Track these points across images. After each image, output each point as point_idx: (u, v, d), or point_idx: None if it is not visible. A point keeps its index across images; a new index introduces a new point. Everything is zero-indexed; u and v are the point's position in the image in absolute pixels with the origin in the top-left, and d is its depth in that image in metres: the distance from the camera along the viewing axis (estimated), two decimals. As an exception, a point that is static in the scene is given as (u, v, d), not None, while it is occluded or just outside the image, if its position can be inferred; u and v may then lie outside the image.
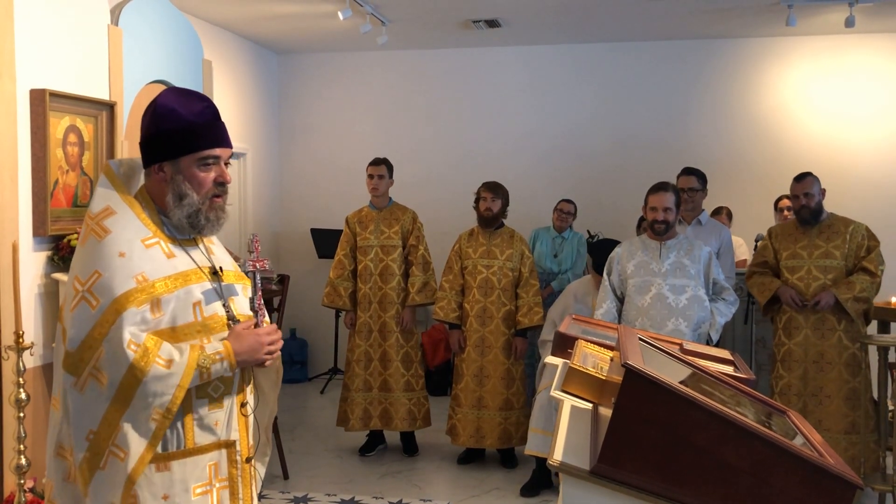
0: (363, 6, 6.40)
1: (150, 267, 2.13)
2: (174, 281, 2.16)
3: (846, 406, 4.92)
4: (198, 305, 2.19)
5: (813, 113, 7.56)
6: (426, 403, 5.92)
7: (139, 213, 2.20)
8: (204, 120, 2.22)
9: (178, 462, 2.16)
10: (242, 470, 2.28)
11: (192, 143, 2.20)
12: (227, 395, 2.24)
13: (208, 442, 2.21)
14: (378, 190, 5.87)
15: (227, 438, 2.24)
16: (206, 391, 2.19)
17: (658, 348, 2.37)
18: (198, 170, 2.21)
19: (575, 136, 7.99)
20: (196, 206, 2.21)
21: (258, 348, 2.23)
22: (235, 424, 2.27)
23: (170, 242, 2.22)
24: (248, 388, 2.35)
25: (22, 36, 3.94)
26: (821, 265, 5.00)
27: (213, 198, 2.24)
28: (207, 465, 2.21)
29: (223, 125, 2.27)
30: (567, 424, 2.11)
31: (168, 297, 2.13)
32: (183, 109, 2.21)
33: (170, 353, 2.10)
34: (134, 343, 2.06)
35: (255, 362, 2.26)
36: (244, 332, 2.24)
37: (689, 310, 4.53)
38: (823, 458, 1.78)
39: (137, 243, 2.15)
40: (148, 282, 2.11)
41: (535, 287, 5.64)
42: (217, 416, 2.22)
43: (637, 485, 1.77)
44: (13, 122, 3.90)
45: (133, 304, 2.07)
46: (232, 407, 2.26)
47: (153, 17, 4.69)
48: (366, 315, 5.84)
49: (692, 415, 1.73)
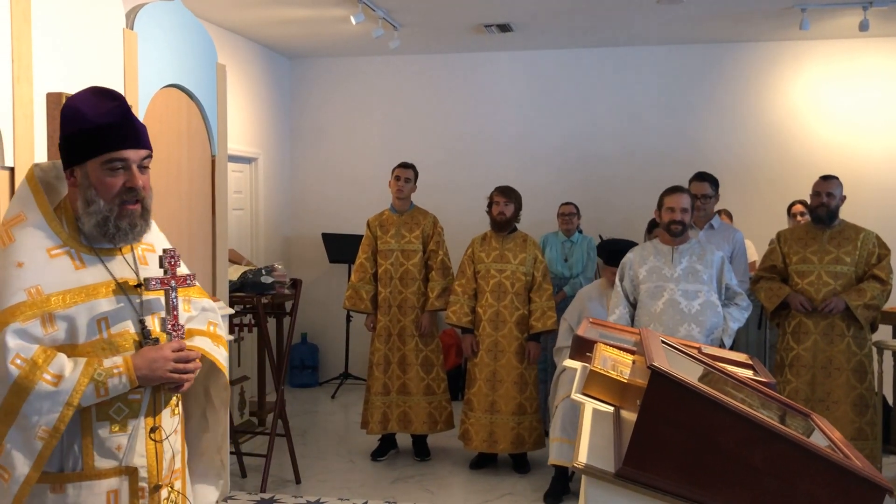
0: (375, 11, 6.41)
1: (49, 279, 2.01)
2: (75, 295, 2.02)
3: (853, 412, 4.90)
4: (103, 321, 2.05)
5: (826, 117, 7.53)
6: (448, 407, 5.92)
7: (51, 221, 2.07)
8: (110, 120, 2.05)
9: (74, 485, 2.04)
10: (150, 499, 2.13)
11: (97, 145, 2.04)
12: (133, 419, 2.10)
13: (108, 467, 2.07)
14: (402, 192, 5.87)
15: (128, 464, 2.10)
16: (107, 413, 2.06)
17: (679, 351, 2.36)
18: (104, 174, 2.05)
19: (586, 141, 7.98)
20: (103, 214, 2.06)
21: (161, 364, 2.07)
22: (141, 450, 2.11)
23: (84, 252, 2.08)
24: (168, 411, 2.19)
25: (39, 40, 3.95)
26: (831, 271, 4.98)
27: (123, 205, 2.07)
28: (105, 492, 2.07)
29: (137, 125, 2.10)
30: (590, 427, 2.09)
31: (65, 313, 2.00)
32: (89, 110, 2.07)
33: (61, 367, 1.97)
34: (20, 357, 1.93)
35: (159, 380, 2.09)
36: (148, 348, 2.09)
37: (702, 315, 4.51)
38: (850, 460, 1.77)
39: (40, 253, 2.03)
40: (42, 296, 1.98)
41: (549, 291, 5.62)
42: (119, 439, 2.08)
43: (662, 487, 1.76)
44: (30, 125, 3.91)
45: (18, 319, 1.95)
46: (137, 430, 2.11)
47: (168, 22, 4.70)
48: (385, 319, 5.85)
49: (718, 417, 1.72)
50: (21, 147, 3.87)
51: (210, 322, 2.37)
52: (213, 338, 2.34)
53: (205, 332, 2.33)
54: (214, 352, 2.30)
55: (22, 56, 3.85)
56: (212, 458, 2.47)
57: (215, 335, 2.35)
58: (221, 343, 2.36)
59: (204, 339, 2.30)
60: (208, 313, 2.38)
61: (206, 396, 2.44)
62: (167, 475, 2.19)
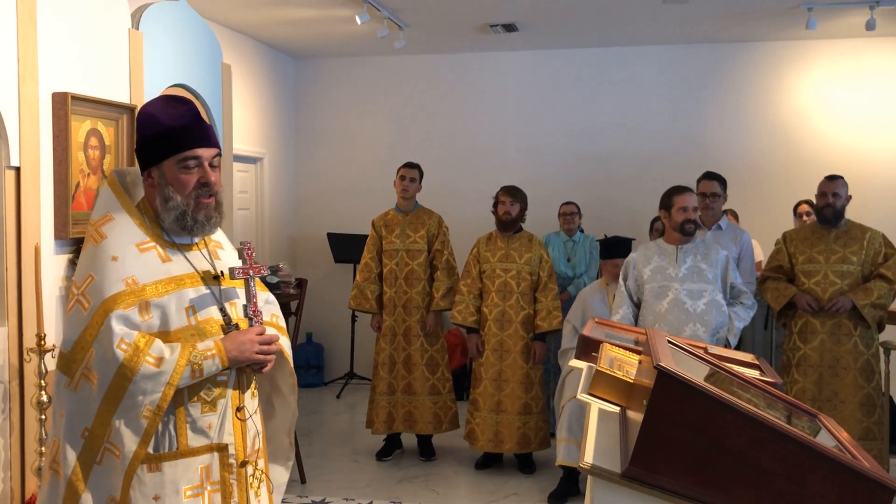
0: (380, 10, 6.41)
1: (141, 271, 2.17)
2: (166, 285, 2.19)
3: (860, 412, 4.89)
4: (191, 309, 2.21)
5: (832, 117, 7.50)
6: (453, 406, 5.91)
7: (136, 219, 2.24)
8: (183, 122, 2.22)
9: (170, 463, 2.18)
10: (237, 474, 2.28)
11: (172, 145, 2.21)
12: (221, 399, 2.25)
13: (200, 445, 2.22)
14: (408, 192, 5.87)
15: (219, 442, 2.25)
16: (198, 394, 2.21)
17: (685, 351, 2.35)
18: (179, 172, 2.22)
19: (591, 141, 7.97)
20: (181, 208, 2.22)
21: (249, 346, 2.23)
22: (229, 428, 2.28)
23: (168, 247, 2.25)
24: (249, 392, 2.35)
25: (44, 40, 3.96)
26: (837, 270, 4.96)
27: (198, 199, 2.24)
28: (199, 468, 2.22)
29: (206, 126, 2.27)
30: (596, 428, 2.09)
31: (158, 301, 2.17)
32: (162, 114, 2.23)
33: (161, 350, 2.12)
34: (125, 342, 2.10)
35: (246, 361, 2.25)
36: (236, 332, 2.26)
37: (707, 315, 4.49)
38: (858, 461, 1.76)
39: (132, 248, 2.19)
40: (138, 285, 2.15)
41: (554, 291, 5.61)
42: (210, 419, 2.23)
43: (669, 488, 1.75)
44: (36, 125, 3.91)
45: (120, 306, 2.11)
46: (226, 410, 2.27)
47: (173, 22, 4.71)
48: (391, 319, 5.84)
49: (726, 417, 1.71)
50: (27, 146, 3.88)
51: (273, 314, 2.51)
52: (277, 328, 2.48)
53: (270, 322, 2.46)
54: (281, 340, 2.43)
55: (28, 56, 3.85)
56: (281, 440, 2.61)
57: (278, 325, 2.49)
58: (284, 333, 2.50)
59: (270, 328, 2.43)
60: (270, 306, 2.52)
61: (270, 383, 2.58)
62: (251, 452, 2.34)
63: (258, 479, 2.36)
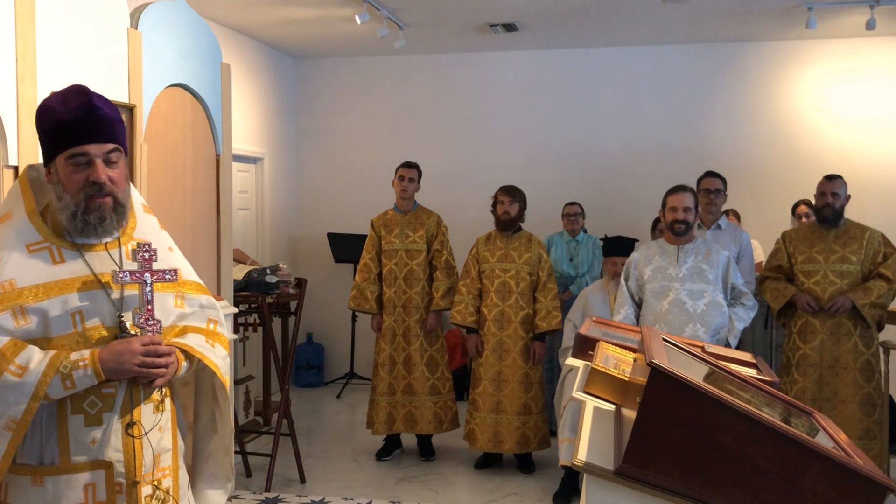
0: (380, 10, 6.41)
1: (24, 273, 2.04)
2: (48, 289, 2.04)
3: (861, 411, 4.89)
4: (77, 314, 2.06)
5: (832, 117, 7.50)
6: (453, 406, 5.91)
7: (33, 218, 2.12)
8: (76, 116, 2.07)
9: (51, 478, 2.06)
10: (129, 494, 2.11)
11: (62, 141, 2.08)
12: (107, 413, 2.08)
13: (83, 461, 2.07)
14: (407, 192, 5.87)
15: (102, 458, 2.09)
16: (80, 406, 2.06)
17: (681, 349, 2.35)
18: (69, 169, 2.08)
19: (591, 141, 7.97)
20: (71, 209, 2.08)
21: (129, 357, 2.04)
22: (116, 444, 2.10)
23: (66, 248, 2.11)
24: (148, 407, 2.16)
25: (43, 39, 3.96)
26: (837, 270, 4.96)
27: (90, 198, 2.08)
28: (83, 486, 2.07)
29: (103, 119, 2.11)
30: (590, 425, 2.09)
31: (36, 306, 2.02)
32: (59, 107, 2.09)
33: (28, 359, 1.98)
34: None
35: (126, 374, 2.06)
36: (117, 341, 2.08)
37: (707, 315, 4.49)
38: (852, 458, 1.76)
39: (19, 249, 2.07)
40: (14, 289, 2.01)
41: (554, 291, 5.61)
42: (93, 433, 2.07)
43: (662, 485, 1.75)
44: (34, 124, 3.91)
45: None
46: (112, 425, 2.09)
47: (172, 21, 4.71)
48: (390, 319, 5.84)
49: (719, 415, 1.71)
50: (25, 146, 3.88)
51: (210, 319, 2.33)
52: (211, 335, 2.30)
53: (203, 329, 2.30)
54: (206, 349, 2.26)
55: (26, 55, 3.86)
56: (221, 461, 2.44)
57: (214, 332, 2.32)
58: (220, 341, 2.32)
59: (198, 336, 2.27)
60: (208, 310, 2.34)
61: (214, 398, 2.40)
62: (149, 472, 2.16)
63: (160, 499, 2.18)
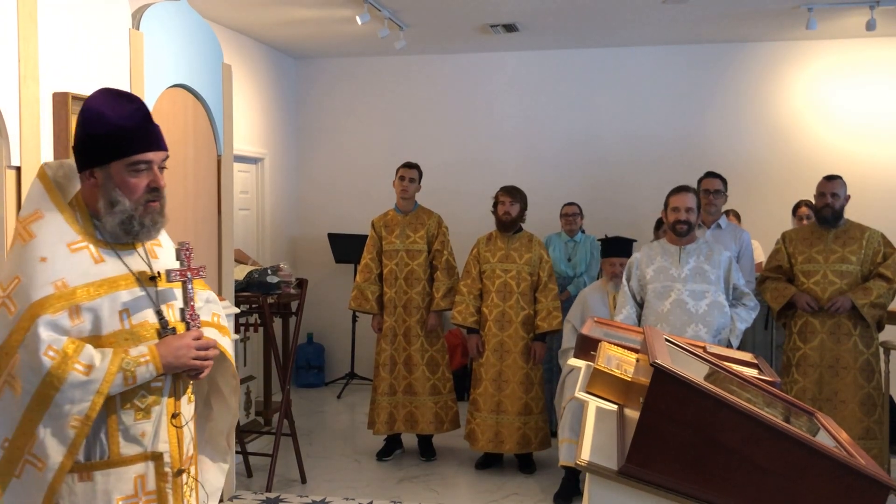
0: (381, 11, 6.42)
1: (72, 273, 2.07)
2: (98, 287, 2.09)
3: (861, 411, 4.89)
4: (125, 312, 2.12)
5: (832, 117, 7.51)
6: (454, 406, 5.92)
7: (68, 218, 2.14)
8: (133, 123, 2.13)
9: (102, 472, 2.10)
10: (173, 483, 2.20)
11: (122, 148, 2.11)
12: (156, 406, 2.17)
13: (134, 453, 2.14)
14: (407, 192, 5.87)
15: (153, 450, 2.17)
16: (131, 400, 2.12)
17: (684, 349, 2.36)
18: (129, 175, 2.13)
19: (591, 141, 7.97)
20: (129, 213, 2.14)
21: (185, 352, 2.15)
22: (164, 436, 2.19)
23: (101, 247, 2.15)
24: (185, 398, 2.27)
25: (45, 40, 3.97)
26: (837, 270, 4.97)
27: (147, 203, 2.16)
28: (133, 477, 2.14)
29: (155, 127, 2.18)
30: (593, 425, 2.09)
31: (90, 305, 2.07)
32: (111, 112, 2.13)
33: (91, 357, 2.03)
34: (52, 349, 2.00)
35: (182, 368, 2.17)
36: (171, 337, 2.17)
37: (709, 315, 4.50)
38: (854, 458, 1.76)
39: (62, 248, 2.09)
40: (68, 288, 2.05)
41: (554, 291, 5.61)
42: (144, 426, 2.15)
43: (665, 485, 1.76)
44: (37, 124, 3.92)
45: (48, 311, 2.01)
46: (161, 417, 2.18)
47: (174, 22, 4.71)
48: (391, 319, 5.85)
49: (722, 415, 1.72)
50: (28, 146, 3.89)
51: (214, 313, 2.44)
52: (218, 328, 2.41)
53: (210, 322, 2.40)
54: (222, 341, 2.38)
55: (28, 56, 3.86)
56: (218, 442, 2.53)
57: (219, 325, 2.42)
58: (226, 333, 2.43)
59: (211, 329, 2.37)
60: (211, 305, 2.45)
61: (209, 383, 2.50)
62: (186, 459, 2.26)
63: (191, 486, 2.28)
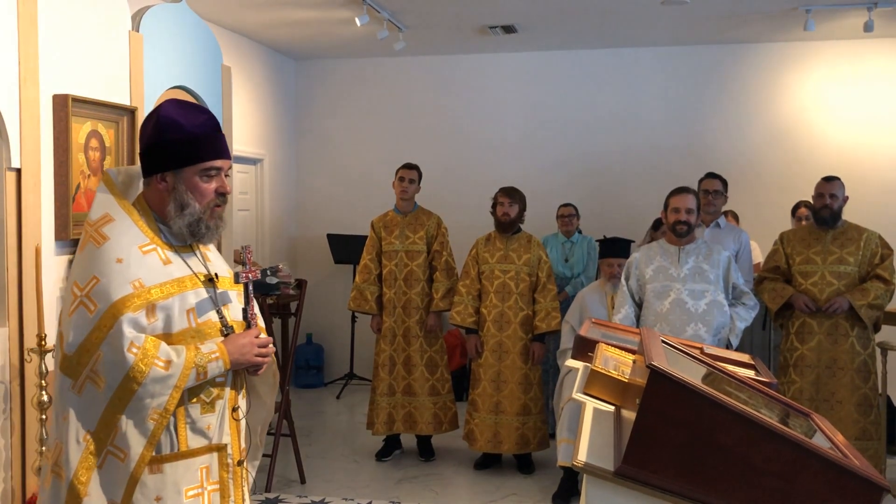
0: (380, 12, 6.43)
1: (146, 273, 2.19)
2: (169, 287, 2.22)
3: (857, 412, 4.91)
4: (192, 312, 2.25)
5: (830, 118, 7.52)
6: (453, 407, 5.93)
7: (137, 220, 2.27)
8: (205, 132, 2.28)
9: (171, 464, 2.22)
10: (234, 473, 2.35)
11: (195, 154, 2.26)
12: (219, 400, 2.31)
13: (200, 445, 2.27)
14: (407, 193, 5.88)
15: (218, 442, 2.31)
16: (198, 395, 2.26)
17: (680, 351, 2.37)
18: (200, 180, 2.28)
19: (591, 142, 7.99)
20: (198, 216, 2.28)
21: (249, 349, 2.30)
22: (227, 428, 2.34)
23: (167, 249, 2.28)
24: (241, 393, 2.41)
25: (45, 42, 3.98)
26: (834, 271, 4.98)
27: (214, 207, 2.31)
28: (199, 468, 2.27)
29: (223, 137, 2.34)
30: (590, 427, 2.11)
31: (163, 303, 2.19)
32: (185, 121, 2.27)
33: (168, 354, 2.16)
34: (135, 346, 2.12)
35: (247, 363, 2.31)
36: (236, 334, 2.32)
37: (709, 315, 4.51)
38: (849, 459, 1.77)
39: (135, 249, 2.21)
40: (144, 287, 2.17)
41: (553, 292, 5.63)
42: (209, 419, 2.29)
43: (661, 486, 1.77)
44: (36, 126, 3.94)
45: (129, 310, 2.14)
46: (224, 411, 2.33)
47: (173, 24, 4.73)
48: (390, 320, 5.86)
49: (717, 416, 1.73)
50: (28, 148, 3.90)
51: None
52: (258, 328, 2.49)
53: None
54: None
55: (29, 58, 3.87)
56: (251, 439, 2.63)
57: (259, 326, 2.51)
58: (263, 332, 2.52)
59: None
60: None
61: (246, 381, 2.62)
62: (243, 451, 2.41)
63: (242, 476, 2.41)
